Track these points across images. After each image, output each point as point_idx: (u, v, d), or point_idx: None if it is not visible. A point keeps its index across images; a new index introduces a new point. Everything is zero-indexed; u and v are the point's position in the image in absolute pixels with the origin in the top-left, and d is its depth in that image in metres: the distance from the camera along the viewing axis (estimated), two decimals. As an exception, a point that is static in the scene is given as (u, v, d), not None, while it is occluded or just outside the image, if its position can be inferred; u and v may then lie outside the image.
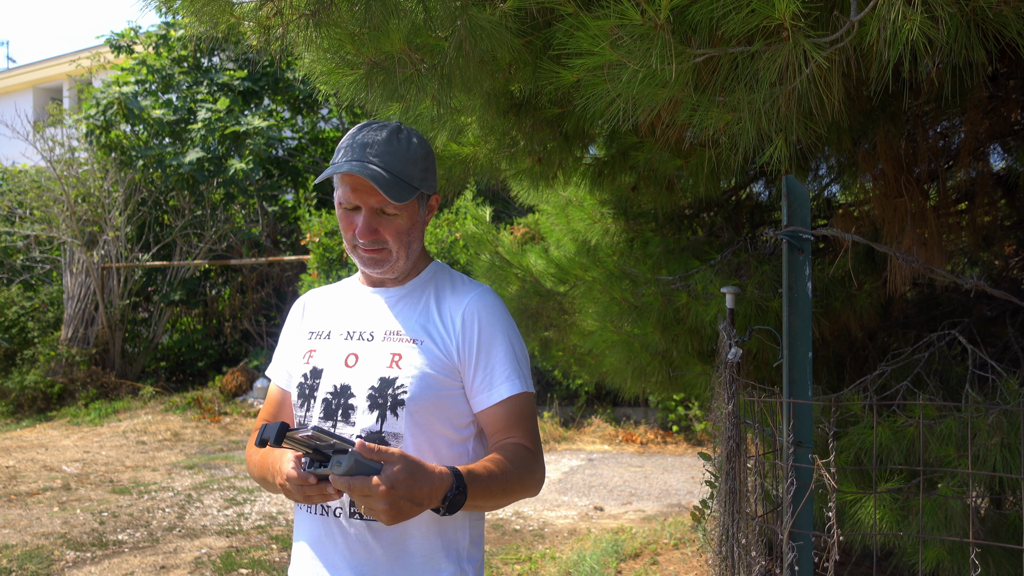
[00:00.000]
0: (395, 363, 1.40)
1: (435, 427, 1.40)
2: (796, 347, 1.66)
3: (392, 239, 1.42)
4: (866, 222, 3.21)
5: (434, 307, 1.47)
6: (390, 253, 1.44)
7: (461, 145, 3.07)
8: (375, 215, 1.41)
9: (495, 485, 1.31)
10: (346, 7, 1.81)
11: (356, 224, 1.42)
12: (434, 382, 1.39)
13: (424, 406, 1.38)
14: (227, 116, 10.28)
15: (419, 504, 1.19)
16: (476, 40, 1.73)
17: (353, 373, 1.42)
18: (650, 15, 1.40)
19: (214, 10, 1.81)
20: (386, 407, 1.37)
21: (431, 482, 1.20)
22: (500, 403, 1.41)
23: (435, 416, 1.40)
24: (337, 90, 1.98)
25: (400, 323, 1.46)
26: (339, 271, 8.18)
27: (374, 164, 1.37)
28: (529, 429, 1.43)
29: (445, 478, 1.22)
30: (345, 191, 1.41)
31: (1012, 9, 1.35)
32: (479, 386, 1.42)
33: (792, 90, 1.47)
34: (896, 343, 3.37)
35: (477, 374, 1.42)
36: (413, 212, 1.43)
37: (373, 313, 1.49)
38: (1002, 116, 3.03)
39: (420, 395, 1.38)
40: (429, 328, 1.44)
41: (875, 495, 2.20)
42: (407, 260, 1.46)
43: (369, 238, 1.41)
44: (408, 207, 1.42)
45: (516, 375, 1.42)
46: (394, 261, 1.45)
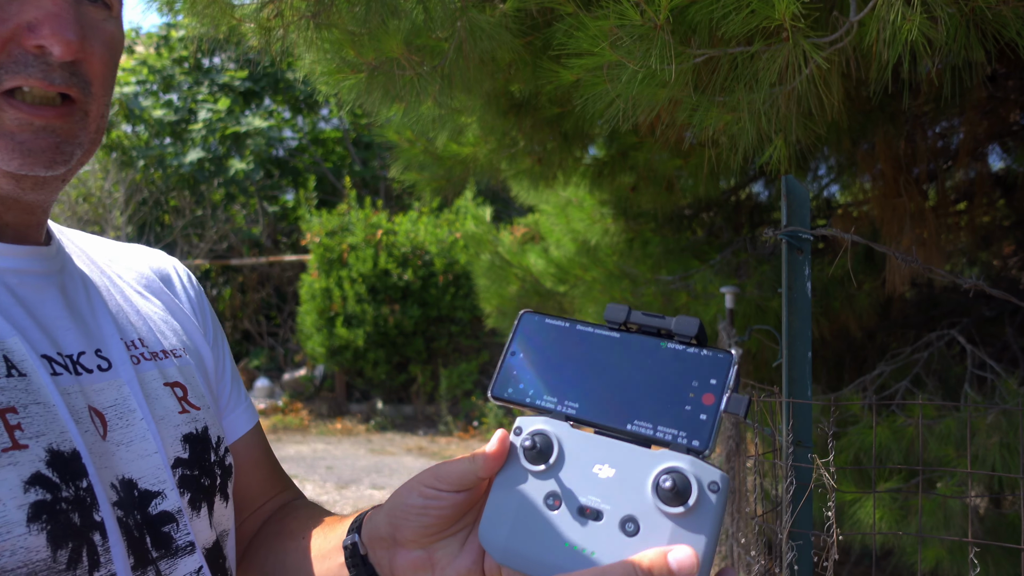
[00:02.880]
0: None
1: None
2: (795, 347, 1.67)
3: (98, 73, 0.70)
4: (865, 222, 3.21)
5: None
6: (84, 116, 0.69)
7: (461, 145, 3.07)
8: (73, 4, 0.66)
9: None
10: (346, 8, 1.82)
11: (15, 20, 0.63)
12: None
13: None
14: (228, 116, 10.29)
15: None
16: (476, 41, 1.73)
17: None
18: (650, 15, 1.40)
19: (215, 11, 1.82)
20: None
21: None
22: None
23: None
24: (338, 92, 1.99)
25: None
26: (339, 271, 8.18)
27: None
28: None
29: None
30: None
31: (1011, 9, 1.35)
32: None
33: (792, 90, 1.48)
34: (895, 343, 3.38)
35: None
36: (123, 33, 0.74)
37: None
38: (1001, 117, 3.04)
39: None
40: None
41: (874, 495, 2.20)
42: (102, 134, 0.73)
43: (70, 53, 0.65)
44: (120, 11, 0.73)
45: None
46: (79, 140, 0.69)
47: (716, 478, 0.55)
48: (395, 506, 0.69)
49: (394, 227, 8.43)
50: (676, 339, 0.61)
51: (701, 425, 0.57)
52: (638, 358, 0.62)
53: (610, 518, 0.57)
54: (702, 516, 0.55)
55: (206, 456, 0.80)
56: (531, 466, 0.61)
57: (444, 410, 8.29)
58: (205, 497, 0.78)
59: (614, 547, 0.56)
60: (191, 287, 0.94)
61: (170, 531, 0.72)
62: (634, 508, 0.57)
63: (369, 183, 11.17)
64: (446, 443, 7.73)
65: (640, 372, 0.61)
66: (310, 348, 8.41)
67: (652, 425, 0.59)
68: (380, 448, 7.47)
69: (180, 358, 0.83)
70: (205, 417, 0.82)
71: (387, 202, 10.71)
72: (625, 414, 0.60)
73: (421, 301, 8.34)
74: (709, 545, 0.54)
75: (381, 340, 8.22)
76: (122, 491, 0.69)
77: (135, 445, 0.72)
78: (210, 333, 0.92)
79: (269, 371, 9.88)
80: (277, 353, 10.08)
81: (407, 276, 8.13)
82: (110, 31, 0.70)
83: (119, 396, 0.73)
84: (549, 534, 0.59)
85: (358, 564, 0.72)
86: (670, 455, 0.57)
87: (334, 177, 10.96)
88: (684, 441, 0.57)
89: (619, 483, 0.58)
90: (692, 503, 0.55)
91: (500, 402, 0.65)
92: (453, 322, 8.55)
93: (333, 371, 8.93)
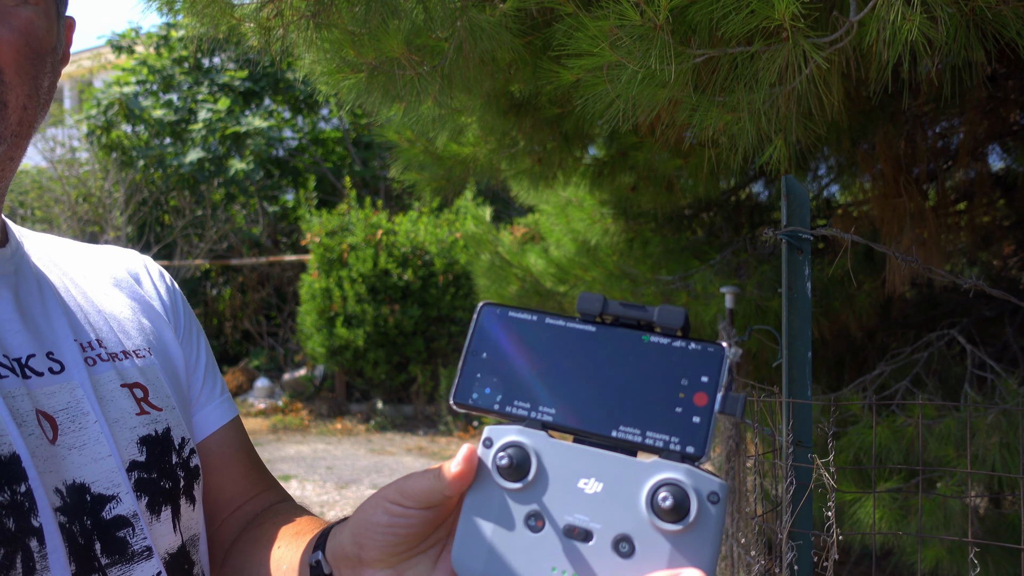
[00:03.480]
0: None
1: None
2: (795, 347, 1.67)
3: (9, 60, 0.66)
4: (865, 222, 3.21)
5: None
6: (3, 106, 0.66)
7: (461, 145, 3.07)
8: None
9: None
10: (346, 8, 1.82)
11: None
12: None
13: None
14: (228, 116, 10.29)
15: None
16: (476, 41, 1.73)
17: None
18: (649, 16, 1.40)
19: (215, 11, 1.81)
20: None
21: None
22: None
23: None
24: (338, 92, 1.99)
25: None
26: (339, 271, 8.18)
27: None
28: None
29: None
30: None
31: (1011, 9, 1.35)
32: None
33: (792, 90, 1.48)
34: (895, 343, 3.38)
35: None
36: (53, 22, 0.71)
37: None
38: (1001, 117, 3.04)
39: None
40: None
41: (874, 495, 2.20)
42: (34, 125, 0.71)
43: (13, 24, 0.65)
44: (47, 3, 0.70)
45: None
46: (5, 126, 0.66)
47: (715, 488, 0.50)
48: (359, 523, 0.63)
49: (394, 227, 8.43)
50: (660, 331, 0.55)
51: (695, 429, 0.51)
52: (619, 354, 0.55)
53: (601, 538, 0.51)
54: (703, 532, 0.50)
55: (166, 458, 0.77)
56: (507, 483, 0.54)
57: (444, 410, 8.29)
58: (167, 500, 0.76)
59: (608, 570, 0.51)
60: (163, 284, 0.92)
61: (125, 536, 0.70)
62: (627, 526, 0.51)
63: (369, 183, 11.17)
64: (446, 443, 7.73)
65: (622, 370, 0.54)
66: (310, 348, 8.41)
67: (640, 431, 0.53)
68: (380, 448, 7.47)
69: (143, 358, 0.81)
70: (168, 418, 0.79)
71: (387, 202, 10.71)
72: (609, 419, 0.54)
73: (421, 301, 8.34)
74: (712, 564, 0.50)
75: (381, 340, 8.23)
76: (69, 496, 0.67)
77: (88, 448, 0.70)
78: (181, 329, 0.90)
79: (269, 371, 9.88)
80: (277, 353, 10.08)
81: (407, 276, 8.13)
82: (25, 16, 0.67)
83: (72, 399, 0.71)
84: (533, 559, 0.53)
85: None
86: (663, 465, 0.51)
87: (334, 177, 10.97)
88: (677, 448, 0.52)
89: (608, 499, 0.52)
90: (692, 519, 0.50)
91: (464, 409, 0.58)
92: (453, 322, 8.56)
93: (333, 371, 8.93)
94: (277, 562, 0.77)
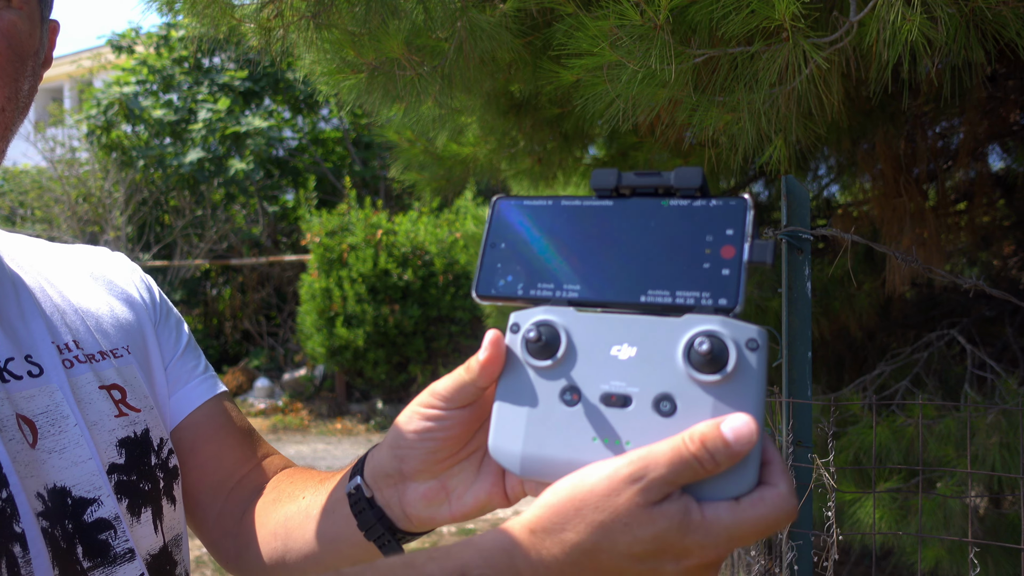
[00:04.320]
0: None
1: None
2: (795, 347, 1.67)
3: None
4: (865, 222, 3.21)
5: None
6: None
7: (461, 145, 3.08)
8: None
9: None
10: (346, 8, 1.82)
11: None
12: None
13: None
14: (228, 116, 10.29)
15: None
16: (476, 41, 1.73)
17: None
18: (650, 15, 1.40)
19: (215, 12, 1.81)
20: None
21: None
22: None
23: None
24: (338, 92, 1.99)
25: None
26: (339, 271, 8.18)
27: None
28: None
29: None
30: None
31: (1011, 10, 1.35)
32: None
33: (792, 90, 1.48)
34: (895, 343, 3.38)
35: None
36: (36, 26, 0.71)
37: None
38: (1001, 117, 3.04)
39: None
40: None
41: (874, 494, 2.20)
42: (12, 128, 0.70)
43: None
44: (31, 7, 0.70)
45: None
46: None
47: (753, 334, 0.48)
48: (397, 437, 0.62)
49: (394, 227, 8.43)
50: (679, 194, 0.53)
51: (726, 281, 0.49)
52: (639, 223, 0.53)
53: (641, 401, 0.49)
54: (745, 380, 0.47)
55: (145, 460, 0.77)
56: (538, 362, 0.53)
57: (444, 410, 8.29)
58: (147, 502, 0.75)
59: (651, 431, 0.49)
60: (138, 279, 0.92)
61: (107, 538, 0.70)
62: (667, 384, 0.49)
63: (369, 183, 11.17)
64: (446, 443, 7.73)
65: (644, 237, 0.52)
66: (310, 348, 8.41)
67: (669, 292, 0.51)
68: (380, 448, 7.48)
69: (120, 358, 0.80)
70: (146, 419, 0.79)
71: (387, 202, 10.71)
72: (636, 286, 0.52)
73: (421, 301, 8.34)
74: (759, 412, 0.47)
75: (381, 340, 8.23)
76: (51, 500, 0.67)
77: (68, 452, 0.70)
78: (158, 315, 0.89)
79: (269, 371, 9.88)
80: (277, 353, 10.08)
81: (407, 276, 8.13)
82: (7, 19, 0.67)
83: (51, 402, 0.71)
84: (572, 432, 0.51)
85: (364, 509, 0.66)
86: (696, 319, 0.49)
87: (334, 177, 10.97)
88: (710, 302, 0.49)
89: (644, 361, 0.50)
90: (731, 368, 0.47)
91: (488, 300, 0.56)
92: (453, 322, 8.56)
93: (333, 371, 8.93)
94: (304, 510, 0.75)
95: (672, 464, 0.46)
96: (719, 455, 0.46)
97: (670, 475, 0.46)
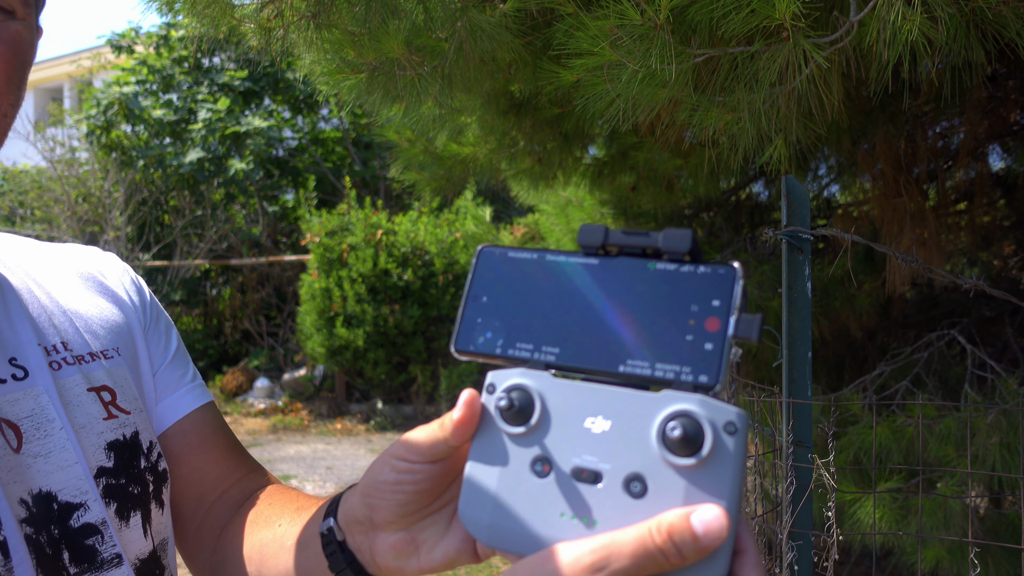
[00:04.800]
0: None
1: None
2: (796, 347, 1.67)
3: (2, 71, 0.69)
4: (865, 222, 3.21)
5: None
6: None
7: (461, 145, 3.07)
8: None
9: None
10: (346, 8, 1.82)
11: None
12: None
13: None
14: (227, 116, 10.29)
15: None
16: (476, 41, 1.73)
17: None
18: (650, 15, 1.40)
19: (215, 12, 1.81)
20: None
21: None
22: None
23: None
24: (338, 92, 1.99)
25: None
26: (339, 271, 8.19)
27: None
28: None
29: None
30: None
31: (1011, 9, 1.35)
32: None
33: (792, 90, 1.48)
34: (895, 343, 3.38)
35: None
36: (34, 35, 0.74)
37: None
38: (1001, 116, 3.04)
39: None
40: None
41: (874, 495, 2.20)
42: (3, 137, 0.71)
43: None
44: (32, 17, 0.73)
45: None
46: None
47: (732, 417, 0.46)
48: (368, 484, 0.61)
49: (394, 227, 8.43)
50: (666, 258, 0.51)
51: (707, 356, 0.47)
52: (624, 286, 0.51)
53: (611, 479, 0.47)
54: (720, 466, 0.45)
55: (135, 463, 0.76)
56: (510, 428, 0.51)
57: (444, 410, 8.29)
58: (136, 506, 0.74)
59: (620, 512, 0.47)
60: (127, 278, 0.91)
61: (94, 544, 0.69)
62: (639, 464, 0.47)
63: (369, 183, 11.17)
64: (446, 443, 7.73)
65: (628, 302, 0.50)
66: (310, 348, 8.41)
67: (649, 363, 0.48)
68: (380, 448, 7.47)
69: (111, 359, 0.79)
70: (136, 422, 0.78)
71: (387, 202, 10.71)
72: (616, 354, 0.50)
73: (421, 301, 8.34)
74: (733, 501, 0.45)
75: (381, 340, 8.23)
76: (35, 506, 0.66)
77: (54, 456, 0.69)
78: (148, 319, 0.88)
79: (269, 371, 9.88)
80: (277, 353, 10.08)
81: (407, 276, 8.13)
82: (14, 30, 0.69)
83: (36, 406, 0.70)
84: (540, 505, 0.49)
85: (335, 552, 0.65)
86: (674, 396, 0.47)
87: (334, 177, 10.97)
88: (689, 378, 0.47)
89: (618, 436, 0.48)
90: (706, 452, 0.45)
91: (466, 356, 0.54)
92: (453, 322, 8.56)
93: (333, 371, 8.93)
94: (279, 539, 0.75)
95: (636, 556, 0.44)
96: (686, 549, 0.43)
97: (633, 567, 0.44)
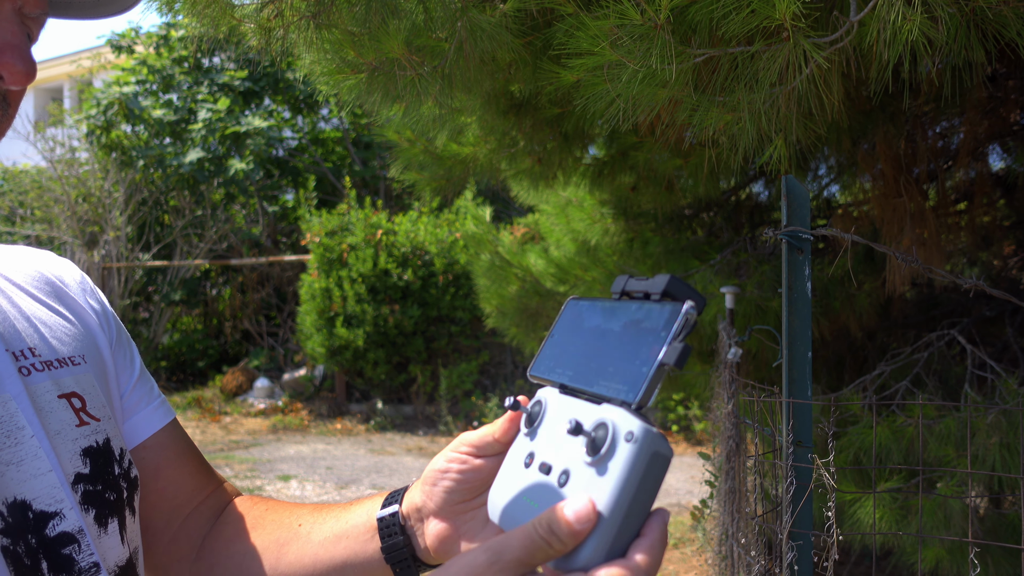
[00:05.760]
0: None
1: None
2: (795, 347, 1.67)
3: (15, 97, 0.72)
4: (865, 222, 3.21)
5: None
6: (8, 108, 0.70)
7: (461, 145, 3.07)
8: (19, 18, 0.68)
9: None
10: (346, 8, 1.81)
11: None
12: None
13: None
14: (227, 116, 10.29)
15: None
16: (476, 41, 1.73)
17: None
18: (650, 15, 1.40)
19: (215, 12, 1.81)
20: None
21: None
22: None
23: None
24: (338, 92, 1.99)
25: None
26: (339, 271, 8.18)
27: None
28: None
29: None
30: None
31: (1012, 9, 1.35)
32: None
33: (792, 90, 1.48)
34: (895, 343, 3.38)
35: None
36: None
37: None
38: (1001, 116, 3.04)
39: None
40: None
41: (874, 495, 2.20)
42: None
43: (23, 82, 0.68)
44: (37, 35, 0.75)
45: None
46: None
47: (634, 428, 0.53)
48: (427, 472, 0.72)
49: (394, 227, 8.43)
50: (651, 298, 0.60)
51: (639, 378, 0.55)
52: (618, 321, 0.62)
53: (555, 471, 0.59)
54: (612, 464, 0.53)
55: (109, 469, 0.75)
56: (525, 429, 0.65)
57: (444, 410, 8.29)
58: (113, 512, 0.73)
59: (548, 499, 0.57)
60: (88, 288, 0.89)
61: (71, 552, 0.67)
62: (570, 461, 0.57)
63: (369, 183, 11.17)
64: (446, 443, 7.72)
65: (615, 334, 0.61)
66: (310, 348, 8.41)
67: (608, 384, 0.58)
68: (380, 448, 7.47)
69: (78, 366, 0.78)
70: (106, 428, 0.77)
71: (387, 202, 10.71)
72: (594, 376, 0.61)
73: (421, 301, 8.34)
74: (617, 496, 0.52)
75: (381, 340, 8.23)
76: (11, 515, 0.64)
77: (27, 464, 0.67)
78: (112, 333, 0.87)
79: (269, 371, 9.88)
80: (277, 353, 10.08)
81: (407, 276, 8.13)
82: (32, 54, 0.71)
83: (5, 413, 0.68)
84: (519, 492, 0.62)
85: (394, 532, 0.74)
86: (606, 408, 0.57)
87: (334, 177, 10.97)
88: (620, 395, 0.56)
89: (568, 438, 0.59)
90: (604, 451, 0.54)
91: (535, 379, 0.68)
92: (453, 322, 8.56)
93: (333, 371, 8.93)
94: (303, 535, 0.81)
95: (524, 547, 0.51)
96: (563, 534, 0.51)
97: (524, 555, 0.51)
